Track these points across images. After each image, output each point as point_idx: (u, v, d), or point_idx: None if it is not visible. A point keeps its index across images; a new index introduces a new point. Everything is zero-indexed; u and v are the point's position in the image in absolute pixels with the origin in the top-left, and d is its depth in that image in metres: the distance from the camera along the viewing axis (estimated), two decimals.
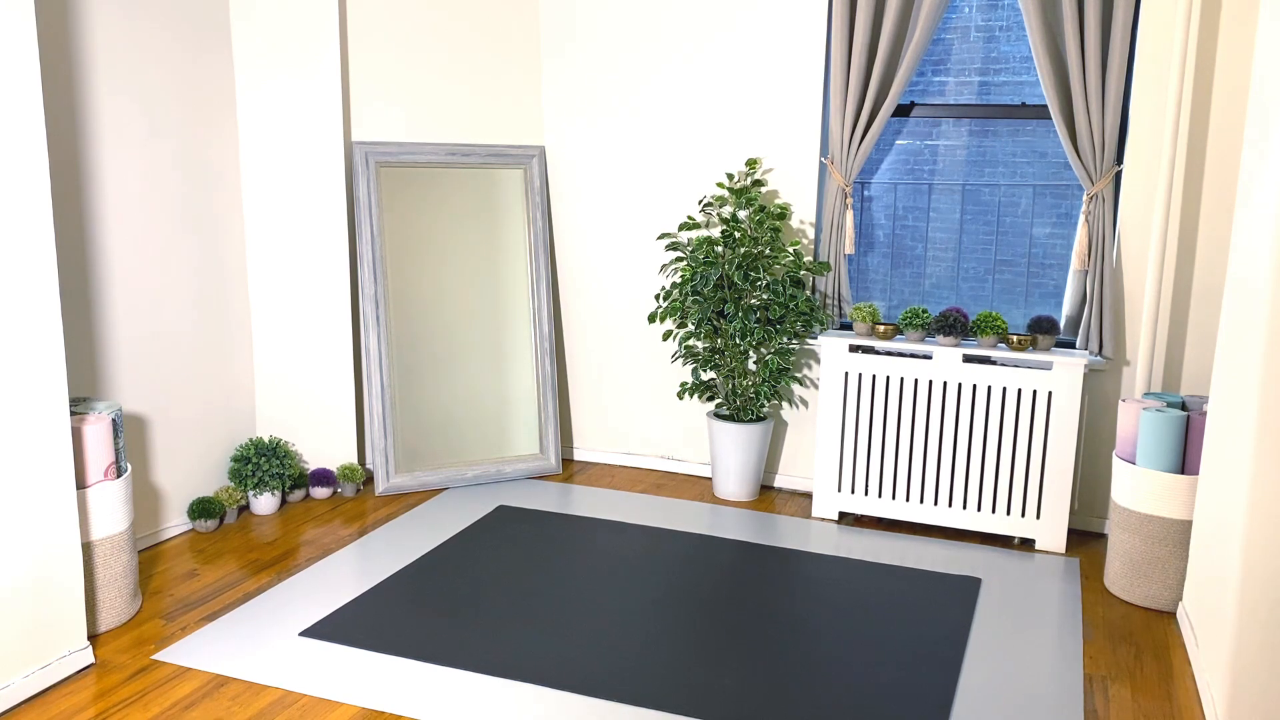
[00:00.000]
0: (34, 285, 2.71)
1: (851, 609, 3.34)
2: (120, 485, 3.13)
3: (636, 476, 4.66)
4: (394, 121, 4.36)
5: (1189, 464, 3.36)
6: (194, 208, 3.89)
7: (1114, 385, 3.97)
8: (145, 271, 3.70)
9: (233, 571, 3.57)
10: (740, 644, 3.09)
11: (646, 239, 4.59)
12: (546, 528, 3.99)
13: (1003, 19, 4.05)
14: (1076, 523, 4.08)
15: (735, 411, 4.33)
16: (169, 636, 3.10)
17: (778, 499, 4.41)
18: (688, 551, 3.79)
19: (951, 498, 3.97)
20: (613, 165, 4.59)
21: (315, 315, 4.26)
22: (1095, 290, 3.85)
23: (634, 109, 4.51)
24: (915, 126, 4.23)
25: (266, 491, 4.09)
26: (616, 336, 4.71)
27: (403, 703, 2.75)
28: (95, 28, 3.43)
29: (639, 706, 2.74)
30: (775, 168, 4.33)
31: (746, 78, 4.31)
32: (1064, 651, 3.10)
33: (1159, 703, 2.84)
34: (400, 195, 4.34)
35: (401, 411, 4.34)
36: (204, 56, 3.90)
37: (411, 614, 3.24)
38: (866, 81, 4.04)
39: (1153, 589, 3.41)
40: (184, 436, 3.93)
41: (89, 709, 2.70)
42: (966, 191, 4.20)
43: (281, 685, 2.82)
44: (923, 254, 4.30)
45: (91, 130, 3.45)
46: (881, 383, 4.00)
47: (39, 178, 2.70)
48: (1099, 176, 3.81)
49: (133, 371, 3.67)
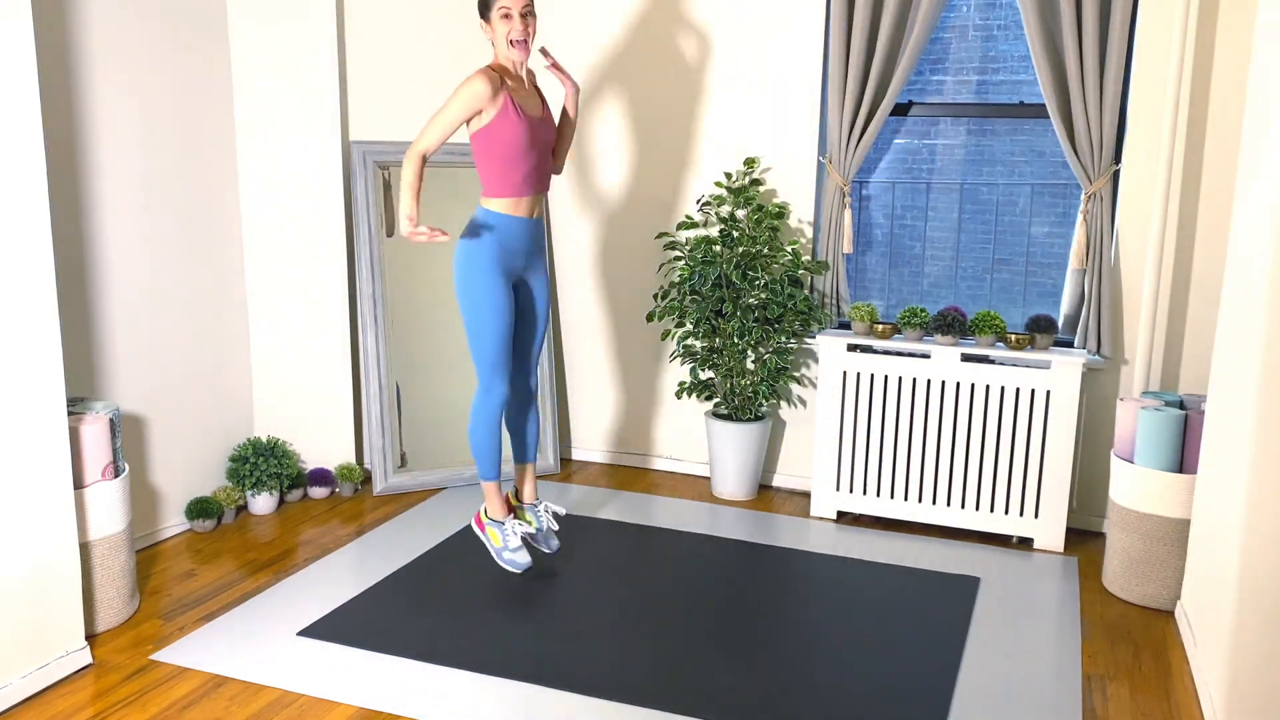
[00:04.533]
0: (31, 285, 2.70)
1: (850, 608, 3.34)
2: (118, 485, 3.13)
3: (635, 476, 4.66)
4: (392, 120, 4.35)
5: (1187, 463, 3.36)
6: (192, 207, 3.89)
7: (1112, 384, 3.97)
8: (143, 271, 3.69)
9: (231, 571, 3.57)
10: (738, 643, 3.09)
11: (645, 238, 4.59)
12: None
13: (1001, 18, 4.05)
14: (1075, 522, 4.08)
15: (733, 411, 4.33)
16: (167, 636, 3.09)
17: (776, 498, 4.41)
18: (686, 551, 3.79)
19: (950, 497, 3.97)
20: (611, 164, 4.58)
21: (313, 314, 4.25)
22: (1093, 289, 3.85)
23: (632, 107, 4.50)
24: (913, 125, 4.23)
25: (264, 491, 4.08)
26: (615, 336, 4.71)
27: (401, 702, 2.74)
28: (92, 28, 3.42)
29: (637, 706, 2.74)
30: (773, 167, 4.33)
31: (745, 76, 4.31)
32: (1062, 650, 3.10)
33: (1157, 702, 2.85)
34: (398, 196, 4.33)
35: (400, 411, 4.34)
36: (202, 56, 3.89)
37: (410, 614, 3.24)
38: (865, 80, 4.04)
39: (1151, 588, 3.41)
40: (182, 436, 3.93)
41: (87, 709, 2.70)
42: (965, 191, 4.20)
43: (280, 685, 2.82)
44: (921, 253, 4.30)
45: (89, 130, 3.44)
46: (880, 382, 4.00)
47: (36, 177, 2.69)
48: (1097, 176, 3.81)
49: (130, 371, 3.67)
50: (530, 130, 3.17)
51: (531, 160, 3.20)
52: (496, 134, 3.13)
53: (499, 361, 3.24)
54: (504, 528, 3.40)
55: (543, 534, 3.51)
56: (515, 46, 3.15)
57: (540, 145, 3.23)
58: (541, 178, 3.27)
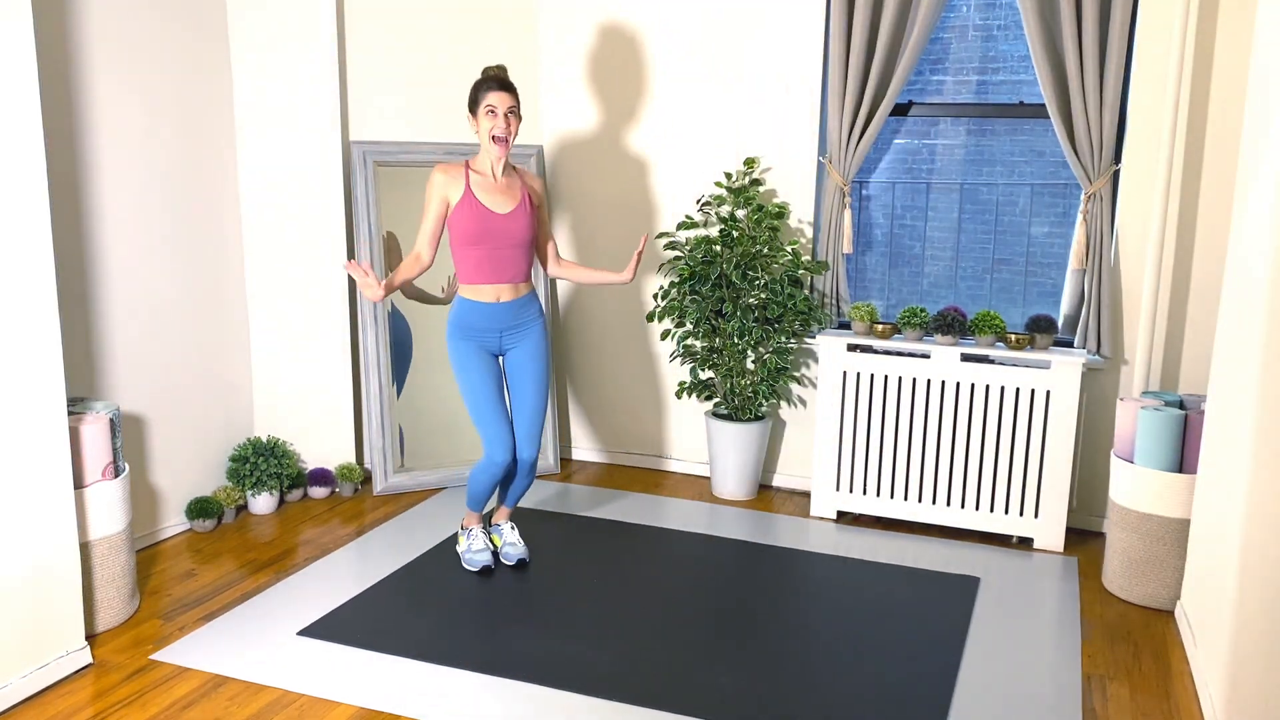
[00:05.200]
0: (32, 285, 2.70)
1: (850, 608, 3.34)
2: (118, 485, 3.13)
3: (635, 476, 4.66)
4: (392, 121, 4.35)
5: (1187, 463, 3.36)
6: (192, 207, 3.89)
7: (1112, 384, 3.97)
8: (143, 271, 3.69)
9: (231, 571, 3.57)
10: (738, 643, 3.09)
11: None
12: (544, 527, 3.99)
13: (1001, 18, 4.05)
14: (1075, 521, 4.08)
15: (733, 410, 4.33)
16: (167, 636, 3.09)
17: (776, 498, 4.41)
18: (686, 551, 3.79)
19: (950, 497, 3.97)
20: (611, 164, 4.58)
21: (313, 314, 4.25)
22: (1093, 289, 3.85)
23: (632, 108, 4.51)
24: (913, 125, 4.23)
25: (264, 491, 4.08)
26: (615, 336, 4.71)
27: (401, 702, 2.74)
28: (93, 28, 3.42)
29: (637, 706, 2.74)
30: (773, 167, 4.33)
31: (745, 76, 4.31)
32: (1062, 650, 3.10)
33: (1157, 701, 2.85)
34: (398, 194, 4.33)
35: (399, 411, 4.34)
36: (201, 56, 3.89)
37: (410, 613, 3.24)
38: (865, 80, 4.04)
39: (1151, 588, 3.41)
40: (182, 436, 3.93)
41: (87, 709, 2.70)
42: (964, 191, 4.20)
43: (280, 685, 2.82)
44: (921, 253, 4.30)
45: (89, 130, 3.44)
46: (880, 382, 4.00)
47: (36, 177, 2.69)
48: (1097, 175, 3.81)
49: (130, 371, 3.67)
50: (484, 223, 3.34)
51: (485, 249, 3.36)
52: (454, 223, 3.38)
53: (488, 423, 3.42)
54: (471, 534, 3.66)
55: (501, 550, 3.68)
56: (496, 142, 3.34)
57: (499, 236, 3.37)
58: (502, 267, 3.40)
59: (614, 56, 4.50)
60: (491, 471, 3.46)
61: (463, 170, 3.39)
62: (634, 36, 4.45)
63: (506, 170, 3.46)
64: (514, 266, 3.42)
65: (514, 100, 3.35)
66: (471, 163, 3.43)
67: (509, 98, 3.33)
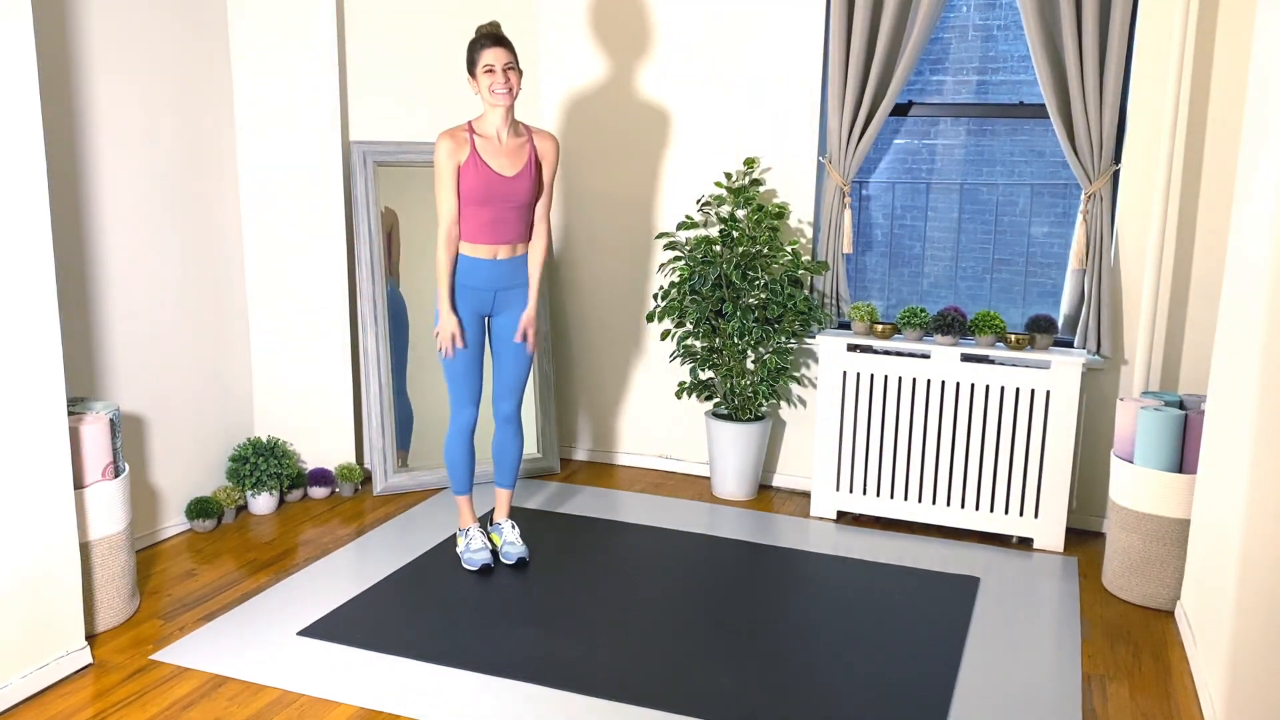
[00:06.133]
0: (31, 285, 2.70)
1: (850, 608, 3.34)
2: (118, 485, 3.13)
3: (635, 476, 4.66)
4: (392, 121, 4.35)
5: (1187, 463, 3.36)
6: (192, 207, 3.89)
7: (1112, 384, 3.97)
8: (143, 271, 3.69)
9: (231, 571, 3.57)
10: (738, 643, 3.09)
11: (644, 238, 4.59)
12: (544, 527, 3.99)
13: (1000, 18, 4.05)
14: (1075, 522, 4.08)
15: (733, 411, 4.33)
16: (167, 636, 3.09)
17: (776, 498, 4.41)
18: (686, 551, 3.79)
19: (950, 497, 3.97)
20: (611, 164, 4.58)
21: (313, 315, 4.25)
22: (1093, 289, 3.85)
23: (632, 109, 4.51)
24: (913, 126, 4.23)
25: (264, 491, 4.08)
26: (615, 336, 4.71)
27: (401, 702, 2.74)
28: (93, 28, 3.42)
29: (637, 706, 2.74)
30: (773, 167, 4.33)
31: (744, 76, 4.31)
32: (1062, 650, 3.10)
33: (1157, 702, 2.85)
34: (398, 194, 4.33)
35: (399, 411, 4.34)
36: (201, 56, 3.89)
37: (410, 613, 3.24)
38: (864, 80, 4.04)
39: (1151, 588, 3.41)
40: (182, 436, 3.93)
41: (87, 709, 2.70)
42: (964, 191, 4.20)
43: (280, 685, 2.82)
44: (921, 253, 4.30)
45: (89, 130, 3.44)
46: (880, 382, 4.00)
47: (36, 177, 2.69)
48: (1097, 175, 3.81)
49: (130, 371, 3.67)
50: (490, 187, 3.36)
51: (491, 212, 3.38)
52: (460, 182, 3.37)
53: (460, 387, 3.50)
54: (468, 534, 3.65)
55: (501, 549, 3.67)
56: (496, 94, 3.33)
57: (504, 199, 3.39)
58: (504, 229, 3.42)
59: (614, 58, 4.50)
60: (461, 438, 3.50)
61: (467, 134, 3.37)
62: (634, 39, 4.45)
63: (512, 130, 3.43)
64: (515, 228, 3.45)
65: (511, 56, 3.32)
66: (475, 124, 3.40)
67: (506, 53, 3.31)
